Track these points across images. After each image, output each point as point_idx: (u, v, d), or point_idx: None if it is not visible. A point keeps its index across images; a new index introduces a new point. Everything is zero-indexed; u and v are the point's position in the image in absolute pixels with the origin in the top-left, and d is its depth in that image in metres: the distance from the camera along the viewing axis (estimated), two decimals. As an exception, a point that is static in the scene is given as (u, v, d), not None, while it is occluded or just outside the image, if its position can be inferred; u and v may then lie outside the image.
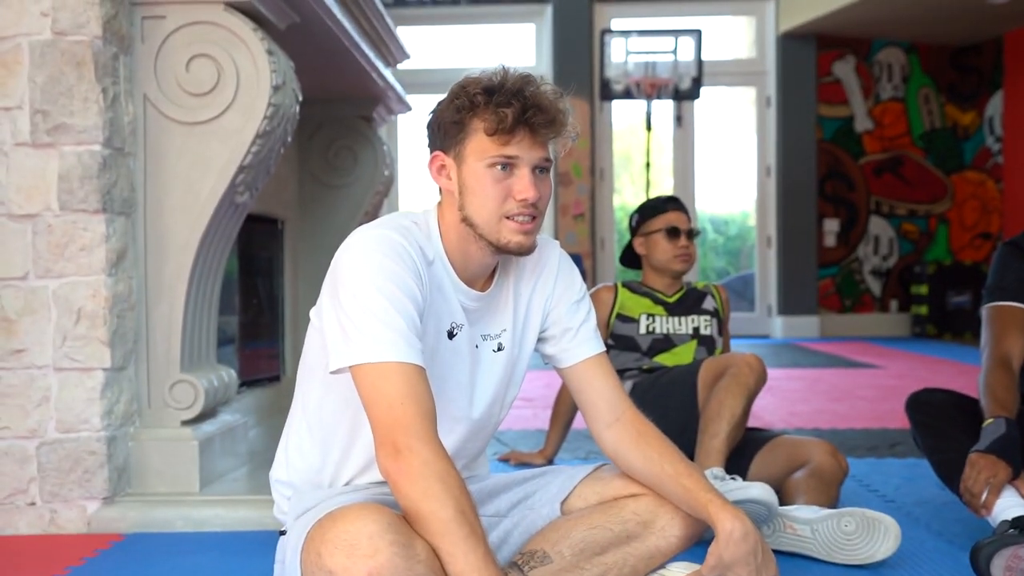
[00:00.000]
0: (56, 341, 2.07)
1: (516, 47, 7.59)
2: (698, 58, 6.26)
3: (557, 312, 1.52)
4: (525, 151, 1.34)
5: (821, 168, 7.33)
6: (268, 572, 1.54)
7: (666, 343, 2.48)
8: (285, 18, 2.29)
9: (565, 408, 2.67)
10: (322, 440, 1.44)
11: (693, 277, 6.85)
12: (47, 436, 2.08)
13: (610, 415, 1.50)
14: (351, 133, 3.46)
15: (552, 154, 1.39)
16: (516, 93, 1.32)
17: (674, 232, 2.50)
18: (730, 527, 1.35)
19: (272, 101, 2.11)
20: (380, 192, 3.52)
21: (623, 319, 2.50)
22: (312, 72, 2.72)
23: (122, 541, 2.03)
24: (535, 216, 1.37)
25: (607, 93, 6.41)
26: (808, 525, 1.87)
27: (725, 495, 1.48)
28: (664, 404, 2.24)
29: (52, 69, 2.04)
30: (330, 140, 3.46)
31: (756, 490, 1.84)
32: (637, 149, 7.45)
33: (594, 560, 1.44)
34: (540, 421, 3.52)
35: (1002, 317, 2.05)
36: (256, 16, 2.16)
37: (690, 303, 2.55)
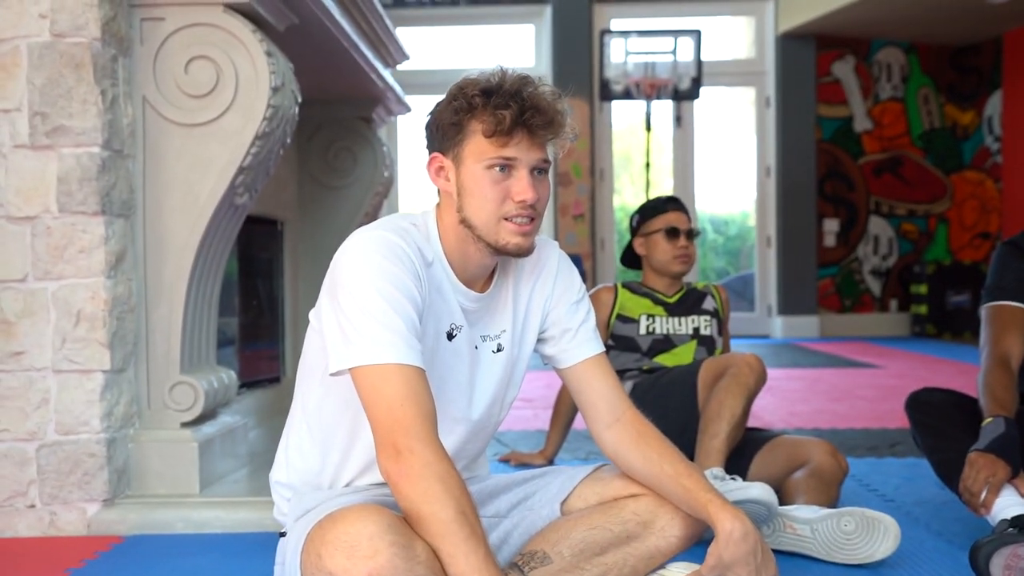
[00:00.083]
0: (55, 343, 2.07)
1: (515, 48, 7.59)
2: (697, 58, 6.26)
3: (556, 313, 1.52)
4: (523, 152, 1.34)
5: (821, 168, 7.33)
6: (268, 574, 1.54)
7: (666, 343, 2.48)
8: (284, 19, 2.29)
9: (565, 409, 2.67)
10: (322, 441, 1.44)
11: (693, 277, 6.85)
12: (47, 438, 2.08)
13: (610, 415, 1.50)
14: (350, 134, 3.46)
15: (551, 155, 1.39)
16: (514, 95, 1.32)
17: (673, 232, 2.50)
18: (730, 527, 1.35)
19: (271, 102, 2.12)
20: (380, 193, 3.52)
21: (623, 320, 2.50)
22: (311, 73, 2.72)
23: (122, 543, 2.03)
24: (533, 217, 1.37)
25: (607, 93, 6.41)
26: (808, 525, 1.87)
27: (725, 495, 1.48)
28: (664, 404, 2.24)
29: (51, 71, 2.04)
30: (329, 141, 3.46)
31: (756, 490, 1.84)
32: (637, 149, 7.46)
33: (594, 560, 1.44)
34: (540, 422, 3.52)
35: (1001, 317, 2.05)
36: (255, 18, 2.17)
37: (690, 303, 2.55)
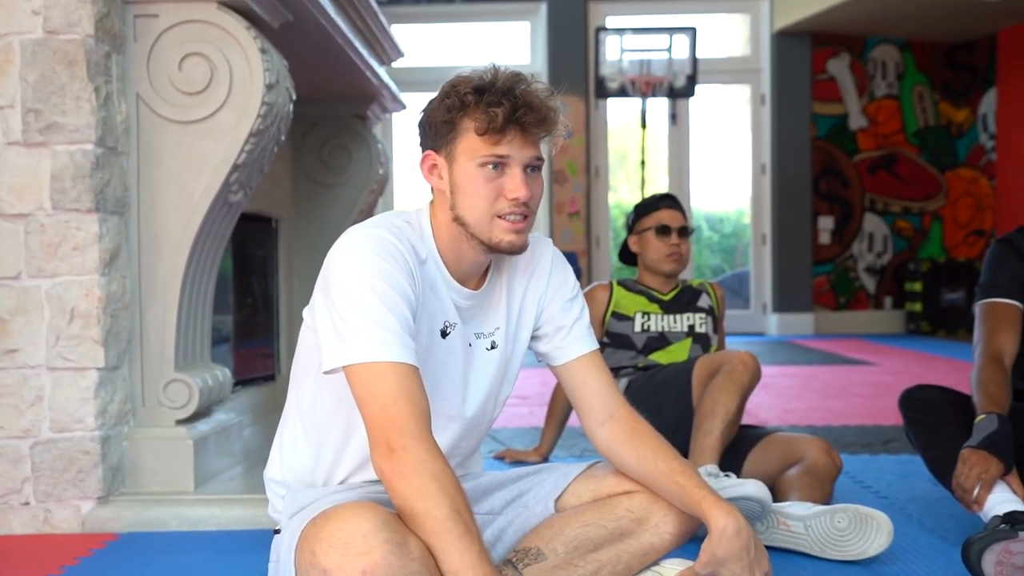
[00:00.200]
0: (49, 341, 2.07)
1: (511, 45, 7.59)
2: (693, 56, 6.27)
3: (550, 310, 1.53)
4: (516, 150, 1.34)
5: (816, 166, 7.34)
6: (263, 571, 1.54)
7: (661, 341, 2.48)
8: (278, 16, 2.29)
9: (560, 406, 2.67)
10: (316, 439, 1.44)
11: (688, 275, 6.86)
12: (41, 436, 2.08)
13: (604, 413, 1.50)
14: (345, 132, 3.46)
15: (544, 152, 1.39)
16: (506, 92, 1.32)
17: (664, 230, 2.50)
18: (723, 523, 1.35)
19: (265, 100, 2.11)
20: (375, 191, 3.52)
21: (618, 317, 2.50)
22: (306, 71, 2.71)
23: (116, 541, 2.03)
24: (527, 215, 1.37)
25: (602, 91, 6.41)
26: (801, 521, 1.87)
27: (719, 492, 1.49)
28: (659, 402, 2.24)
29: (44, 68, 2.04)
30: (324, 139, 3.45)
31: (750, 487, 1.84)
32: (632, 147, 7.46)
33: (588, 557, 1.45)
34: (535, 419, 3.52)
35: (995, 314, 2.06)
36: (249, 15, 2.16)
37: (685, 301, 2.55)
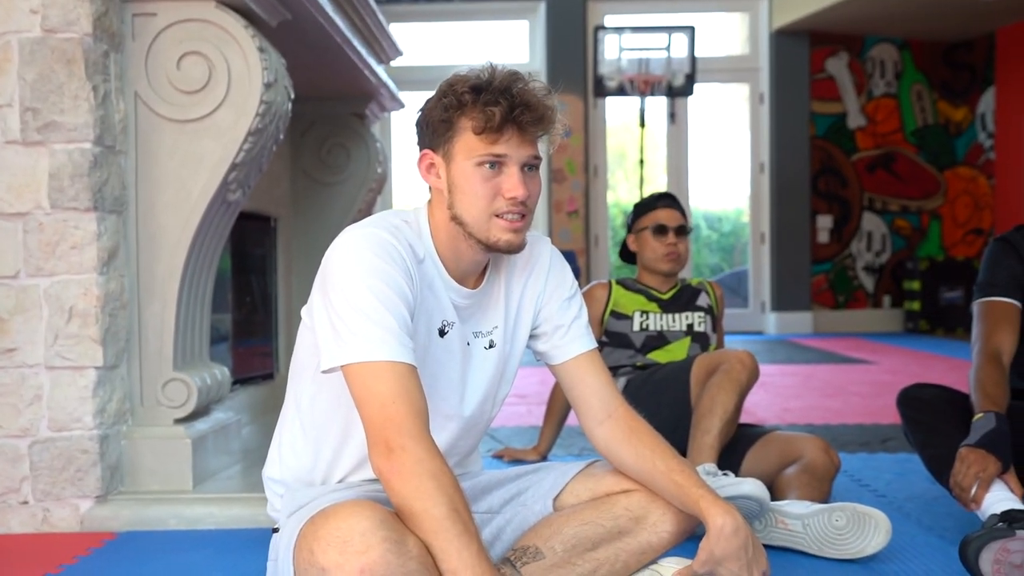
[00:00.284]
0: (48, 340, 2.07)
1: (509, 44, 7.59)
2: (691, 55, 6.27)
3: (548, 309, 1.53)
4: (513, 149, 1.34)
5: (814, 164, 7.34)
6: (261, 570, 1.54)
7: (660, 340, 2.49)
8: (277, 15, 2.29)
9: (559, 405, 2.67)
10: (315, 438, 1.44)
11: (687, 273, 6.86)
12: (39, 435, 2.08)
13: (602, 412, 1.50)
14: (344, 130, 3.45)
15: (541, 151, 1.39)
16: (504, 91, 1.32)
17: (661, 230, 2.50)
18: (721, 522, 1.36)
19: (264, 98, 2.11)
20: (373, 189, 3.52)
21: (617, 316, 2.50)
22: (304, 69, 2.71)
23: (115, 539, 2.03)
24: (524, 214, 1.37)
25: (601, 90, 6.41)
26: (799, 520, 1.87)
27: (717, 491, 1.49)
28: (657, 400, 2.24)
29: (42, 66, 2.04)
30: (323, 137, 3.45)
31: (748, 486, 1.84)
32: (631, 145, 7.46)
33: (586, 556, 1.45)
34: (534, 418, 3.52)
35: (993, 313, 2.06)
36: (247, 13, 2.16)
37: (684, 300, 2.55)
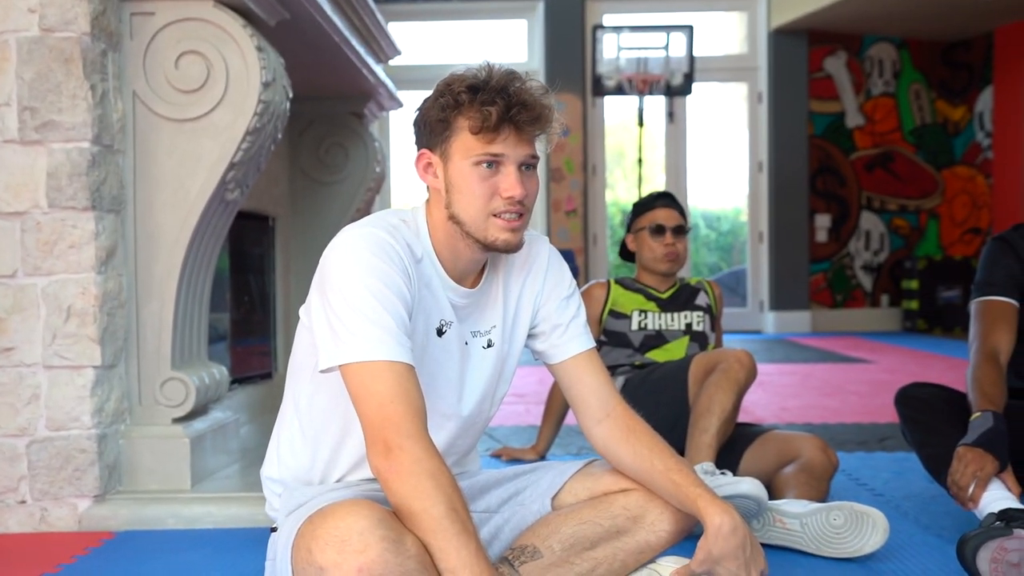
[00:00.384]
0: (46, 339, 2.07)
1: (508, 43, 7.59)
2: (690, 54, 6.27)
3: (547, 308, 1.53)
4: (511, 149, 1.34)
5: (812, 164, 7.35)
6: (259, 569, 1.54)
7: (658, 339, 2.49)
8: (275, 14, 2.29)
9: (557, 404, 2.67)
10: (313, 438, 1.44)
11: (686, 273, 6.86)
12: (37, 434, 2.07)
13: (600, 411, 1.50)
14: (342, 130, 3.45)
15: (539, 150, 1.39)
16: (501, 90, 1.32)
17: (659, 230, 2.51)
18: (719, 521, 1.36)
19: (262, 98, 2.11)
20: (372, 189, 3.52)
21: (615, 315, 2.50)
22: (303, 69, 2.71)
23: (113, 539, 2.03)
24: (522, 213, 1.37)
25: (599, 89, 6.41)
26: (797, 519, 1.87)
27: (715, 490, 1.49)
28: (655, 400, 2.25)
29: (40, 66, 2.04)
30: (321, 137, 3.45)
31: (746, 485, 1.85)
32: (629, 145, 7.46)
33: (584, 555, 1.45)
34: (532, 417, 3.53)
35: (991, 312, 2.06)
36: (246, 12, 2.16)
37: (683, 299, 2.55)
